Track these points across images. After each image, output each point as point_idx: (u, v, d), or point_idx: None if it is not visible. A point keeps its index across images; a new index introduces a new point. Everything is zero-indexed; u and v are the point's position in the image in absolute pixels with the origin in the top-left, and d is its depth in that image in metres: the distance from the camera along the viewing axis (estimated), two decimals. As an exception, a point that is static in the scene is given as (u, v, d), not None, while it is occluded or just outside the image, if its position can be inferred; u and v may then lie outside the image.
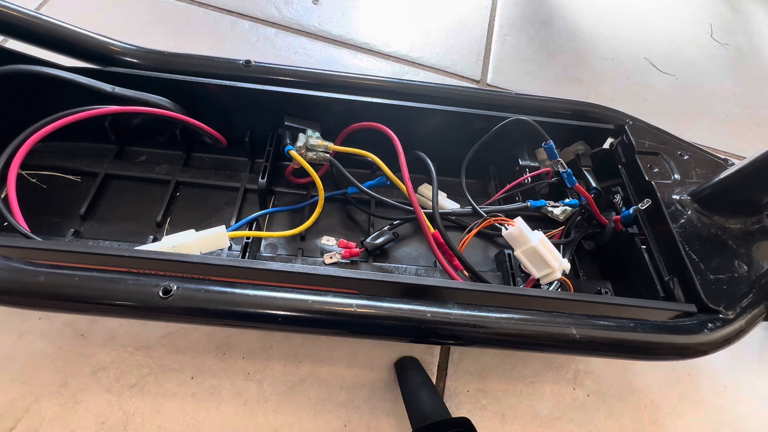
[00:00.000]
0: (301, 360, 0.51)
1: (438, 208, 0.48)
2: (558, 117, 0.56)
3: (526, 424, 0.51)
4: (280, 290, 0.36)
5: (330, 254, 0.50)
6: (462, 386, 0.52)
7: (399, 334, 0.38)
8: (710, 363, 0.59)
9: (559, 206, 0.54)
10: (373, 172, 0.59)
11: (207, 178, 0.55)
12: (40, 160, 0.52)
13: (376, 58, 0.85)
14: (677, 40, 1.08)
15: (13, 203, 0.42)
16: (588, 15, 1.07)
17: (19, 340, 0.47)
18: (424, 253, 0.55)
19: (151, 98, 0.49)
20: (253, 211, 0.53)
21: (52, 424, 0.44)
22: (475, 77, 0.88)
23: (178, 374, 0.48)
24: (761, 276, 0.45)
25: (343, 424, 0.48)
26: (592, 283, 0.53)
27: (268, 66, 0.53)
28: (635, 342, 0.40)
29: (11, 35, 0.47)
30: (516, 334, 0.38)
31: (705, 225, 0.48)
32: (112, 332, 0.49)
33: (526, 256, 0.47)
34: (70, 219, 0.51)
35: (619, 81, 0.95)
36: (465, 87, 0.67)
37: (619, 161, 0.56)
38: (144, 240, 0.50)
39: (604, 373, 0.56)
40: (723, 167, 0.54)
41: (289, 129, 0.52)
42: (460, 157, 0.55)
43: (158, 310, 0.35)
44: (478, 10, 1.00)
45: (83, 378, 0.46)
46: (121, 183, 0.54)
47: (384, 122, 0.51)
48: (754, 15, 1.22)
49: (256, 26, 0.84)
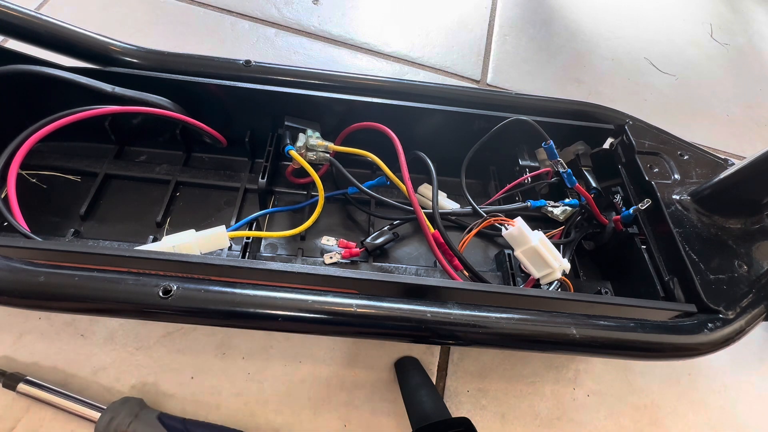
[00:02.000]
0: (301, 360, 0.51)
1: (438, 208, 0.48)
2: (558, 117, 0.56)
3: (526, 424, 0.51)
4: (280, 290, 0.36)
5: (330, 254, 0.50)
6: (462, 386, 0.52)
7: (399, 334, 0.38)
8: (710, 363, 0.59)
9: (559, 206, 0.54)
10: (373, 172, 0.59)
11: (207, 178, 0.55)
12: (40, 160, 0.52)
13: (376, 58, 0.85)
14: (677, 40, 1.08)
15: (13, 203, 0.42)
16: (588, 15, 1.07)
17: (19, 340, 0.47)
18: (424, 253, 0.55)
19: (151, 98, 0.49)
20: (253, 211, 0.53)
21: (52, 424, 0.44)
22: (475, 77, 0.88)
23: (178, 374, 0.48)
24: (761, 276, 0.45)
25: (343, 424, 0.48)
26: (592, 283, 0.53)
27: (268, 66, 0.53)
28: (635, 342, 0.40)
29: (11, 35, 0.47)
30: (516, 334, 0.38)
31: (705, 225, 0.48)
32: (112, 332, 0.49)
33: (526, 256, 0.47)
34: (70, 219, 0.51)
35: (619, 81, 0.95)
36: (465, 87, 0.67)
37: (619, 161, 0.56)
38: (144, 240, 0.50)
39: (604, 373, 0.56)
40: (723, 167, 0.54)
41: (289, 129, 0.52)
42: (460, 157, 0.55)
43: (158, 310, 0.35)
44: (478, 10, 1.00)
45: (83, 378, 0.46)
46: (121, 183, 0.54)
47: (384, 122, 0.51)
48: (754, 15, 1.22)
49: (256, 26, 0.84)
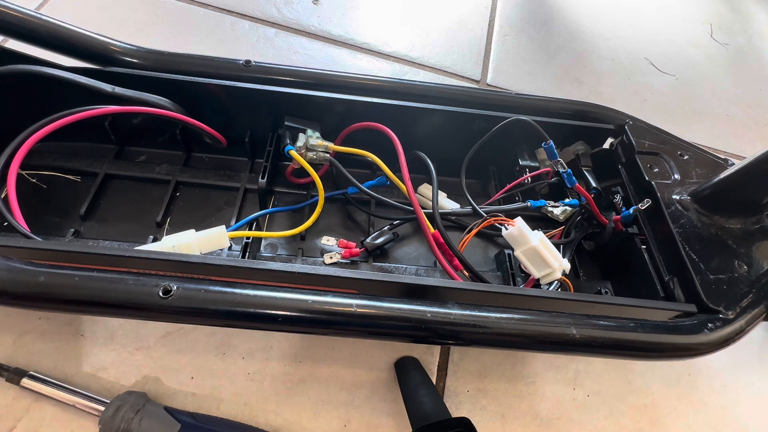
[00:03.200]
0: (301, 360, 0.51)
1: (438, 208, 0.48)
2: (558, 117, 0.56)
3: (526, 424, 0.51)
4: (280, 290, 0.36)
5: (330, 254, 0.50)
6: (462, 386, 0.52)
7: (399, 334, 0.38)
8: (710, 363, 0.59)
9: (559, 206, 0.54)
10: (373, 172, 0.59)
11: (207, 178, 0.55)
12: (40, 160, 0.52)
13: (376, 58, 0.85)
14: (677, 40, 1.08)
15: (13, 203, 0.42)
16: (588, 15, 1.07)
17: (19, 340, 0.47)
18: (424, 253, 0.55)
19: (151, 98, 0.49)
20: (253, 211, 0.53)
21: (52, 425, 0.44)
22: (475, 77, 0.88)
23: (178, 374, 0.48)
24: (761, 276, 0.45)
25: (343, 424, 0.48)
26: (592, 283, 0.53)
27: (268, 66, 0.53)
28: (635, 342, 0.39)
29: (11, 35, 0.47)
30: (516, 334, 0.38)
31: (705, 225, 0.48)
32: (112, 332, 0.49)
33: (526, 256, 0.47)
34: (70, 219, 0.51)
35: (619, 81, 0.95)
36: (465, 87, 0.67)
37: (619, 161, 0.56)
38: (144, 240, 0.50)
39: (604, 373, 0.56)
40: (723, 167, 0.54)
41: (289, 129, 0.52)
42: (460, 157, 0.55)
43: (158, 310, 0.35)
44: (478, 10, 1.00)
45: (83, 378, 0.46)
46: (121, 183, 0.54)
47: (384, 122, 0.51)
48: (754, 15, 1.22)
49: (256, 26, 0.84)
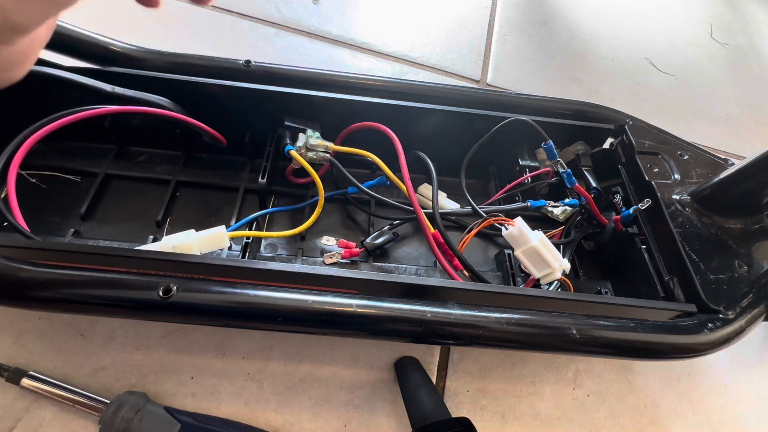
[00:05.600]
0: (301, 360, 0.51)
1: (438, 208, 0.48)
2: (558, 117, 0.56)
3: (526, 424, 0.51)
4: (280, 290, 0.36)
5: (330, 254, 0.50)
6: (462, 386, 0.52)
7: (399, 334, 0.38)
8: (710, 363, 0.59)
9: (559, 206, 0.54)
10: (373, 172, 0.59)
11: (207, 178, 0.55)
12: (40, 160, 0.52)
13: (376, 58, 0.85)
14: (677, 40, 1.08)
15: (13, 203, 0.42)
16: (588, 15, 1.07)
17: (19, 340, 0.47)
18: (424, 253, 0.55)
19: (151, 98, 0.49)
20: (253, 211, 0.52)
21: (52, 425, 0.44)
22: (475, 77, 0.88)
23: (178, 374, 0.48)
24: (761, 276, 0.45)
25: (343, 424, 0.48)
26: (592, 283, 0.53)
27: (268, 66, 0.53)
28: (635, 342, 0.40)
29: (11, 35, 0.47)
30: (516, 334, 0.38)
31: (705, 225, 0.48)
32: (112, 332, 0.49)
33: (526, 256, 0.47)
34: (70, 219, 0.51)
35: (619, 81, 0.95)
36: (465, 87, 0.67)
37: (619, 161, 0.56)
38: (144, 240, 0.50)
39: (604, 373, 0.56)
40: (723, 167, 0.54)
41: (289, 129, 0.51)
42: (460, 157, 0.55)
43: (158, 310, 0.35)
44: (478, 10, 1.00)
45: (83, 378, 0.46)
46: (121, 183, 0.54)
47: (384, 122, 0.51)
48: (754, 15, 1.22)
49: (256, 26, 0.84)
